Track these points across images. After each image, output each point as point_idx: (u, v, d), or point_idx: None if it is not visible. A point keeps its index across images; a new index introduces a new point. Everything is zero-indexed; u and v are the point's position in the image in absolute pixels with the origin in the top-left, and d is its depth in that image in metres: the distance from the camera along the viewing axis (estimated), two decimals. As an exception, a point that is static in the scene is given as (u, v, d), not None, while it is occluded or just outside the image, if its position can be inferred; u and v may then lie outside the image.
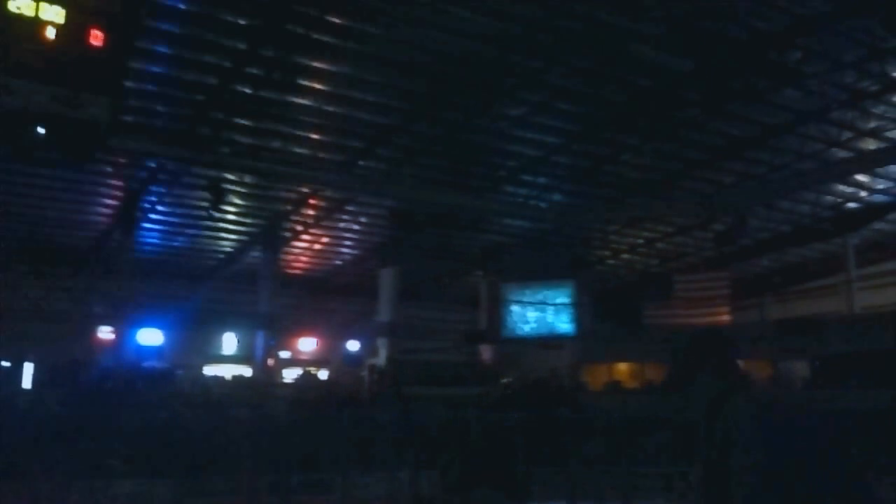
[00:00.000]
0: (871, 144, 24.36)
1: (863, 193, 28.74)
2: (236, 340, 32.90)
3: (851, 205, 29.48)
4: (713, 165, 25.92)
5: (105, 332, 27.73)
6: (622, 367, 32.27)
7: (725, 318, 31.23)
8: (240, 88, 19.41)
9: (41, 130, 10.51)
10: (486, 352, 32.44)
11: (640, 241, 33.34)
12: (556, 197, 27.71)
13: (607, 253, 34.68)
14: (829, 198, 28.83)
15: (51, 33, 9.93)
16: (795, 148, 24.42)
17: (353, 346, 34.59)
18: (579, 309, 31.48)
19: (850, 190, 28.26)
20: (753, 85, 19.66)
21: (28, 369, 24.84)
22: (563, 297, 31.77)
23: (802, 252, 33.71)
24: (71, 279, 28.58)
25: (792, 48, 18.54)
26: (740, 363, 3.93)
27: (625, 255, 34.85)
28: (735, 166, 25.94)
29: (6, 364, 25.29)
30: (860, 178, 27.35)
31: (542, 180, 26.51)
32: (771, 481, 3.28)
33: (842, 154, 24.87)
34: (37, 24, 9.87)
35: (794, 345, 27.49)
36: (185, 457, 15.91)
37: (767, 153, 24.89)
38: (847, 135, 23.68)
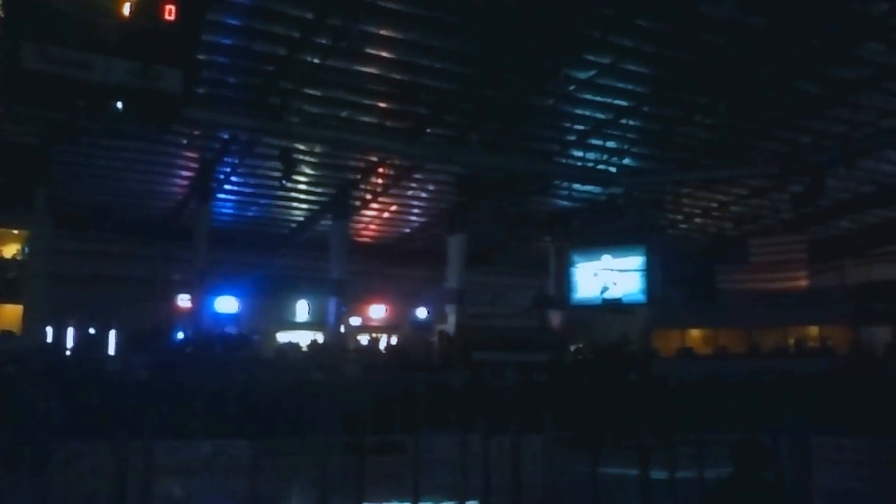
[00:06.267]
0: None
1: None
2: (308, 307, 33.48)
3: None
4: (790, 124, 25.10)
5: (183, 300, 28.56)
6: (694, 333, 31.72)
7: (803, 282, 30.38)
8: (308, 58, 19.60)
9: (119, 105, 10.86)
10: (555, 317, 32.35)
11: (714, 203, 32.54)
12: (626, 160, 27.23)
13: (679, 217, 34.01)
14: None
15: (126, 9, 10.23)
16: (878, 105, 23.44)
17: (421, 312, 34.90)
18: (650, 274, 31.03)
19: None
20: (833, 39, 18.87)
21: (112, 336, 25.90)
22: (633, 262, 31.37)
23: (885, 213, 32.41)
24: (150, 248, 29.48)
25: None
26: None
27: (698, 219, 34.11)
28: (813, 125, 25.06)
29: (92, 330, 26.38)
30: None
31: (611, 144, 26.08)
32: None
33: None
34: (113, 0, 10.17)
35: (876, 310, 26.64)
36: (261, 418, 16.46)
37: (848, 110, 23.95)
38: (935, 90, 22.62)
